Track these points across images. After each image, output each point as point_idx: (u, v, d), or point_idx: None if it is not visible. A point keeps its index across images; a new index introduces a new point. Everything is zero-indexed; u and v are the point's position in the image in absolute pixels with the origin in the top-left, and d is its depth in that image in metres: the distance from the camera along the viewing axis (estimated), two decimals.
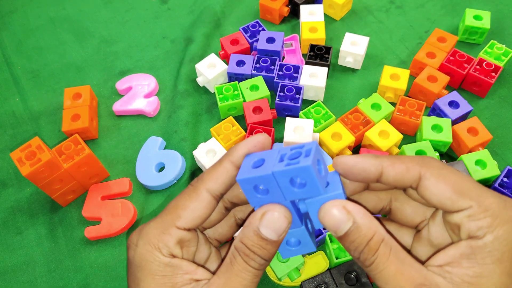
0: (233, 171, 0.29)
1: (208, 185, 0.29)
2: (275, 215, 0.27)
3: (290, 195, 0.26)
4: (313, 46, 0.62)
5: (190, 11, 0.72)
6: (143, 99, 0.61)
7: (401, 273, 0.25)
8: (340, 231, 0.26)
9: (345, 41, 0.62)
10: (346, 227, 0.26)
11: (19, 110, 0.62)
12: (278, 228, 0.27)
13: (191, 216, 0.29)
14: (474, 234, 0.25)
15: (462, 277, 0.25)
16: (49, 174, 0.48)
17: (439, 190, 0.26)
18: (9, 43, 0.70)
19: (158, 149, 0.56)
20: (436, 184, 0.26)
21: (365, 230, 0.26)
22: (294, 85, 0.57)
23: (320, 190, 0.25)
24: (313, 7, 0.66)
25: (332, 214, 0.26)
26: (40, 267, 0.50)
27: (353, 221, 0.26)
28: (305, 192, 0.26)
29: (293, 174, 0.25)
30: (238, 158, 0.29)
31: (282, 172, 0.25)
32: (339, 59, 0.63)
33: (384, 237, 0.26)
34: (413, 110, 0.55)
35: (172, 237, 0.28)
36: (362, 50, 0.61)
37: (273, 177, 0.25)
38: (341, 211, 0.26)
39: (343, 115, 0.55)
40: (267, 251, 0.27)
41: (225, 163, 0.29)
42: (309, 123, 0.53)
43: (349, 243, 0.26)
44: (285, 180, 0.25)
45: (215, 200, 0.29)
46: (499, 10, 0.68)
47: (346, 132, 0.53)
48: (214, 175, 0.29)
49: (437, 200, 0.27)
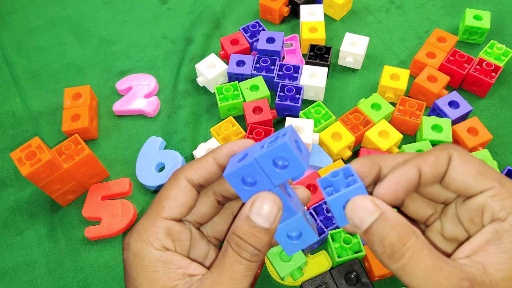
0: (213, 166, 0.30)
1: (187, 174, 0.30)
2: (264, 201, 0.27)
3: (276, 178, 0.27)
4: (313, 46, 0.62)
5: (190, 11, 0.72)
6: (143, 99, 0.61)
7: (440, 268, 0.24)
8: (366, 223, 0.25)
9: (345, 41, 0.62)
10: (373, 218, 0.25)
11: (19, 110, 0.62)
12: (269, 214, 0.27)
13: (174, 205, 0.29)
14: (497, 216, 0.25)
15: (494, 265, 0.24)
16: (49, 174, 0.48)
17: (465, 171, 0.26)
18: (9, 43, 0.70)
19: (158, 149, 0.56)
20: (462, 164, 0.26)
21: (394, 221, 0.24)
22: (294, 85, 0.57)
23: (303, 165, 0.26)
24: (313, 7, 0.66)
25: (360, 205, 0.25)
26: (40, 267, 0.50)
27: (380, 212, 0.25)
28: (289, 171, 0.26)
29: (274, 154, 0.26)
30: (221, 156, 0.29)
31: (263, 155, 0.26)
32: (339, 59, 0.63)
33: (416, 231, 0.24)
34: (413, 110, 0.55)
35: (160, 228, 0.29)
36: (362, 50, 0.61)
37: (256, 163, 0.26)
38: (369, 203, 0.25)
39: (343, 115, 0.55)
40: (259, 239, 0.27)
41: (208, 157, 0.30)
42: (309, 123, 0.53)
43: (374, 235, 0.25)
44: (268, 163, 0.26)
45: (194, 189, 0.30)
46: (499, 10, 0.68)
47: (346, 132, 0.53)
48: (194, 166, 0.30)
49: (462, 180, 0.26)
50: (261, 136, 0.53)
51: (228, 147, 0.30)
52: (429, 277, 0.23)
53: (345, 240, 0.46)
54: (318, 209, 0.48)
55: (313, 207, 0.48)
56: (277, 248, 0.45)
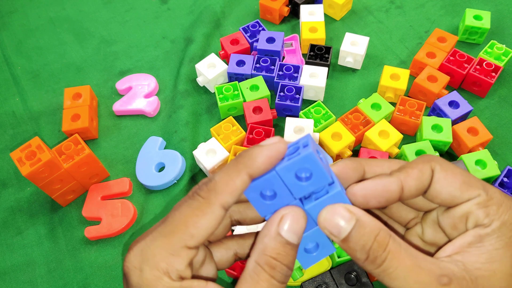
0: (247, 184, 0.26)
1: (223, 199, 0.25)
2: (292, 215, 0.25)
3: (298, 191, 0.25)
4: (313, 46, 0.62)
5: (190, 11, 0.72)
6: (143, 99, 0.61)
7: (419, 266, 0.24)
8: (344, 231, 0.25)
9: (345, 41, 0.62)
10: (350, 226, 0.25)
11: (19, 110, 0.62)
12: (298, 229, 0.25)
13: (204, 234, 0.25)
14: (482, 222, 0.26)
15: (474, 264, 0.25)
16: (49, 174, 0.48)
17: (449, 182, 0.26)
18: (9, 43, 0.70)
19: (158, 149, 0.56)
20: (446, 177, 0.27)
21: (371, 227, 0.25)
22: (294, 85, 0.57)
23: (328, 177, 0.25)
24: (313, 7, 0.66)
25: (334, 214, 0.25)
26: (40, 267, 0.50)
27: (356, 219, 0.25)
28: (313, 183, 0.25)
29: (297, 166, 0.24)
30: (257, 170, 0.25)
31: (286, 167, 0.24)
32: (339, 59, 0.63)
33: (391, 234, 0.25)
34: (413, 110, 0.55)
35: (183, 259, 0.25)
36: (362, 50, 0.61)
37: (277, 176, 0.25)
38: (344, 212, 0.25)
39: (343, 115, 0.55)
40: (291, 257, 0.25)
41: (243, 175, 0.25)
42: (309, 123, 0.53)
43: (354, 243, 0.25)
44: (290, 175, 0.25)
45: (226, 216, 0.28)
46: (499, 10, 0.68)
47: (346, 132, 0.53)
48: (230, 188, 0.25)
49: (447, 192, 0.27)
50: (261, 136, 0.53)
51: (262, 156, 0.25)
52: (409, 276, 0.24)
53: None
54: None
55: None
56: None
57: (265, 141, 0.26)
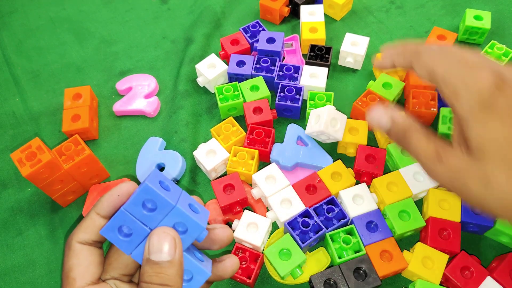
0: (99, 221, 0.29)
1: (77, 237, 0.29)
2: (156, 236, 0.27)
3: (150, 221, 0.27)
4: (313, 46, 0.62)
5: (190, 11, 0.72)
6: (143, 99, 0.61)
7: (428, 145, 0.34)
8: (385, 127, 0.37)
9: (346, 42, 0.62)
10: (388, 124, 0.37)
11: (19, 111, 0.62)
12: (164, 246, 0.27)
13: (82, 271, 0.28)
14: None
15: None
16: (49, 175, 0.48)
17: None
18: (9, 43, 0.70)
19: (158, 150, 0.56)
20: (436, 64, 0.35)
21: (401, 123, 0.36)
22: (295, 86, 0.57)
23: (170, 203, 0.27)
24: (314, 7, 0.66)
25: (378, 115, 0.38)
26: (41, 268, 0.50)
27: (392, 120, 0.37)
28: (161, 211, 0.27)
29: (140, 198, 0.27)
30: (103, 209, 0.29)
31: (129, 202, 0.27)
32: (339, 59, 0.63)
33: (414, 126, 0.36)
34: (427, 101, 0.55)
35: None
36: (363, 50, 0.61)
37: (126, 212, 0.27)
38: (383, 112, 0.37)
39: (358, 99, 0.56)
40: (165, 274, 0.27)
41: (91, 214, 0.30)
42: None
43: (393, 134, 0.37)
44: (137, 209, 0.27)
45: (93, 247, 0.29)
46: (500, 10, 0.67)
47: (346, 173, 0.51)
48: (82, 227, 0.29)
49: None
50: (261, 136, 0.53)
51: (107, 197, 0.29)
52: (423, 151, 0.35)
53: (344, 240, 0.46)
54: (319, 209, 0.48)
55: (313, 207, 0.48)
56: (276, 247, 0.45)
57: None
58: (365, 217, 0.47)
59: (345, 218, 0.47)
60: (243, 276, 0.45)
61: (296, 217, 0.47)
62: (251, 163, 0.52)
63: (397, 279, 0.47)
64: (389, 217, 0.47)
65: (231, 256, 0.32)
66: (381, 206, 0.49)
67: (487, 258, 0.47)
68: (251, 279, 0.45)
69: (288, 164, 0.52)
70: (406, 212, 0.48)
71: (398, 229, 0.46)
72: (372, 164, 0.51)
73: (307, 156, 0.53)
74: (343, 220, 0.47)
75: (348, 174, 0.51)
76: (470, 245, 0.48)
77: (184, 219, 0.27)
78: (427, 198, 0.49)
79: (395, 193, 0.49)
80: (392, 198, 0.48)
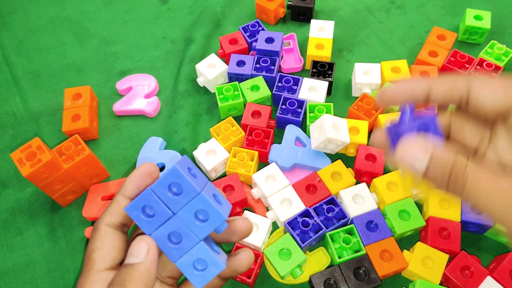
0: (125, 202, 0.30)
1: (104, 220, 0.29)
2: (135, 243, 0.27)
3: (174, 205, 0.27)
4: (316, 62, 0.60)
5: (190, 11, 0.72)
6: (143, 99, 0.61)
7: (499, 187, 0.25)
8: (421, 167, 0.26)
9: (358, 72, 0.59)
10: (425, 162, 0.26)
11: (19, 111, 0.62)
12: (136, 250, 0.27)
13: (104, 254, 0.28)
14: None
15: None
16: (49, 175, 0.48)
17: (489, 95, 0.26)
18: (9, 43, 0.70)
19: (158, 149, 0.56)
20: (485, 90, 0.27)
21: (445, 158, 0.26)
22: (296, 99, 0.56)
23: (196, 188, 0.27)
24: (324, 23, 0.64)
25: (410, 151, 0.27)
26: (41, 267, 0.50)
27: (430, 154, 0.26)
28: (185, 196, 0.27)
29: (167, 180, 0.27)
30: (128, 190, 0.30)
31: (157, 183, 0.27)
32: (353, 91, 0.60)
33: (463, 160, 0.26)
34: None
35: (96, 283, 0.27)
36: (378, 78, 0.58)
37: (152, 192, 0.27)
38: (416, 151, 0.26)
39: (353, 104, 0.56)
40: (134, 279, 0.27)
41: (117, 197, 0.30)
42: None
43: (433, 176, 0.26)
44: (163, 191, 0.27)
45: (118, 231, 0.30)
46: (500, 10, 0.68)
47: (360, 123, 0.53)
48: (109, 210, 0.30)
49: (490, 105, 0.27)
50: (260, 137, 0.53)
51: (130, 179, 0.30)
52: (492, 196, 0.25)
53: (344, 240, 0.46)
54: (319, 209, 0.48)
55: (313, 207, 0.48)
56: (276, 247, 0.45)
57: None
58: (365, 217, 0.47)
59: (345, 218, 0.47)
60: (243, 275, 0.45)
61: (296, 217, 0.47)
62: (250, 164, 0.52)
63: (397, 279, 0.47)
64: (389, 216, 0.47)
65: (246, 250, 0.32)
66: (381, 206, 0.49)
67: (487, 258, 0.47)
68: (251, 278, 0.45)
69: (286, 165, 0.52)
70: (406, 211, 0.48)
71: (398, 229, 0.46)
72: (372, 164, 0.51)
73: (305, 157, 0.53)
74: (343, 220, 0.47)
75: (348, 174, 0.51)
76: (470, 245, 0.48)
77: (207, 207, 0.27)
78: (427, 198, 0.49)
79: (395, 192, 0.49)
80: (392, 197, 0.48)
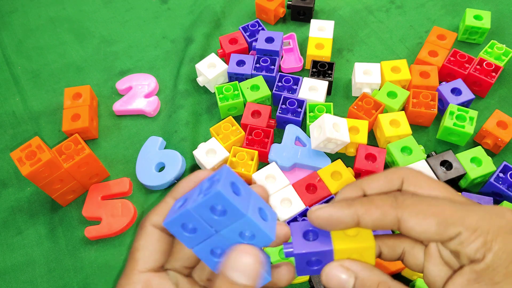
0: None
1: (151, 220, 0.29)
2: (240, 254, 0.25)
3: (217, 225, 0.25)
4: (316, 62, 0.60)
5: (190, 11, 0.72)
6: (143, 99, 0.61)
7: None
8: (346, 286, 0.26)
9: (357, 72, 0.59)
10: (350, 284, 0.26)
11: (19, 110, 0.62)
12: (244, 267, 0.25)
13: (147, 254, 0.28)
14: (474, 258, 0.25)
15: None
16: (49, 174, 0.48)
17: (422, 229, 0.26)
18: (9, 43, 0.70)
19: (158, 149, 0.56)
20: (417, 223, 0.26)
21: (370, 283, 0.26)
22: (297, 99, 0.56)
23: (242, 211, 0.25)
24: (324, 23, 0.64)
25: (334, 275, 0.26)
26: (40, 267, 0.50)
27: (355, 276, 0.26)
28: (229, 218, 0.25)
29: (209, 203, 0.24)
30: (178, 194, 0.29)
31: (198, 205, 0.25)
32: (353, 91, 0.61)
33: (390, 285, 0.27)
34: (427, 101, 0.55)
35: (136, 284, 0.27)
36: (378, 78, 0.58)
37: (192, 213, 0.25)
38: (341, 270, 0.26)
39: (353, 103, 0.56)
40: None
41: (167, 198, 0.29)
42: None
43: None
44: (205, 212, 0.25)
45: (164, 233, 0.29)
46: (499, 10, 0.68)
47: (360, 122, 0.53)
48: (157, 210, 0.29)
49: (425, 237, 0.26)
50: (260, 137, 0.53)
51: (184, 183, 0.29)
52: None
53: None
54: None
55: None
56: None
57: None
58: None
59: None
60: None
61: (296, 217, 0.47)
62: (250, 163, 0.52)
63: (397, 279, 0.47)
64: None
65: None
66: None
67: None
68: None
69: (286, 164, 0.52)
70: None
71: None
72: (372, 164, 0.51)
73: (305, 156, 0.53)
74: None
75: (348, 173, 0.51)
76: None
77: (254, 229, 0.25)
78: None
79: None
80: None
